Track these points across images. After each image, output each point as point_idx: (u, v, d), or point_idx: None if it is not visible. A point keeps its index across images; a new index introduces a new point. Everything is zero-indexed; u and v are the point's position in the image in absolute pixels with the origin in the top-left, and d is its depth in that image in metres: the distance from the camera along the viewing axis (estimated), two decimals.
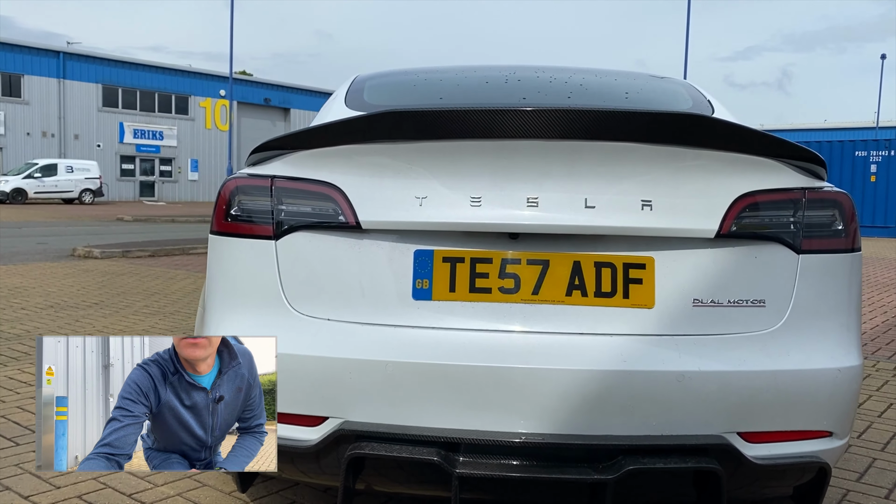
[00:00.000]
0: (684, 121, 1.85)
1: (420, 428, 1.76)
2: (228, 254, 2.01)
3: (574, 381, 1.73)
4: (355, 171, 1.88)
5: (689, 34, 28.43)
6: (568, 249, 1.82)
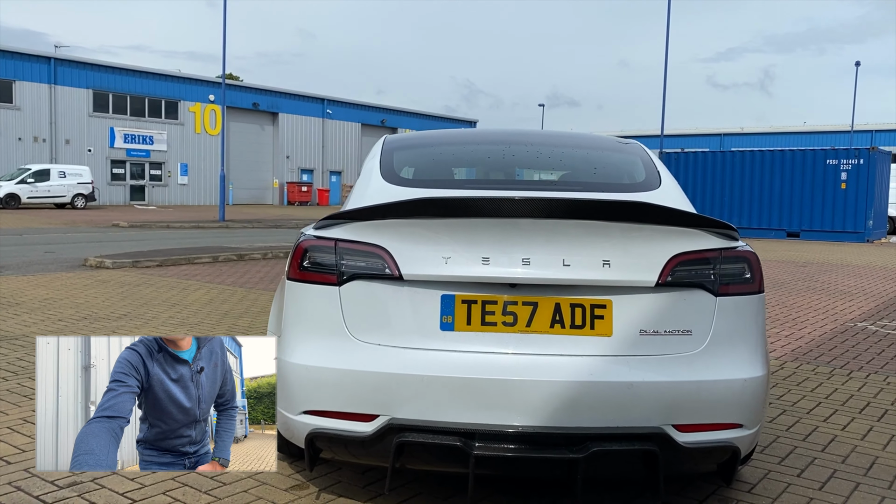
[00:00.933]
0: (631, 207, 2.59)
1: (446, 423, 2.48)
2: (303, 296, 2.72)
3: (555, 389, 2.45)
4: (398, 236, 2.60)
5: (670, 35, 29.26)
6: (551, 294, 2.54)
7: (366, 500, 2.97)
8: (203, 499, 2.96)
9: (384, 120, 53.82)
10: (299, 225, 25.32)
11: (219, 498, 2.97)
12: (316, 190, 47.59)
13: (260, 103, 45.40)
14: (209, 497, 2.97)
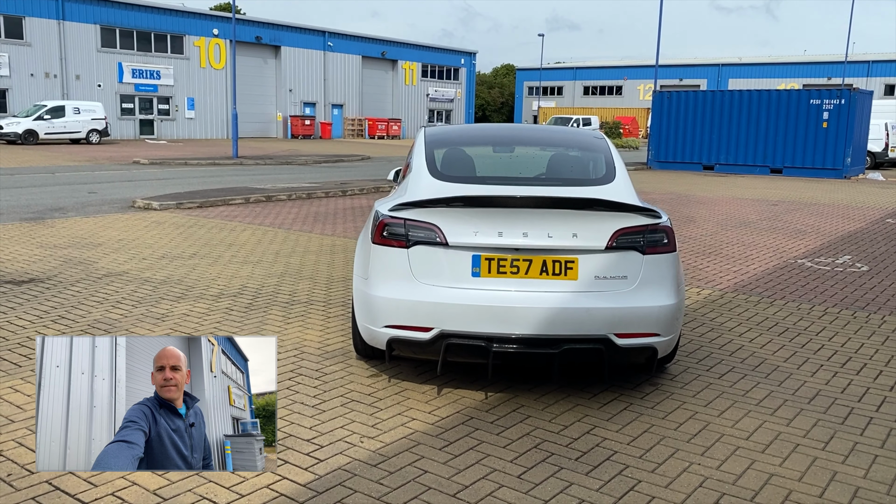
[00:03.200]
0: (592, 202, 4.12)
1: (475, 332, 4.07)
2: (383, 254, 4.27)
3: (542, 312, 4.04)
4: (445, 217, 4.13)
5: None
6: (540, 255, 4.10)
7: (421, 382, 4.59)
8: None
9: (385, 52, 54.38)
10: (308, 161, 26.71)
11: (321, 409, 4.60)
12: (318, 123, 48.63)
13: (263, 37, 46.05)
14: None
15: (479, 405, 4.28)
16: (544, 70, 74.64)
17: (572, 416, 4.15)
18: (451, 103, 60.74)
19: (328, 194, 15.77)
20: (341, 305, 6.44)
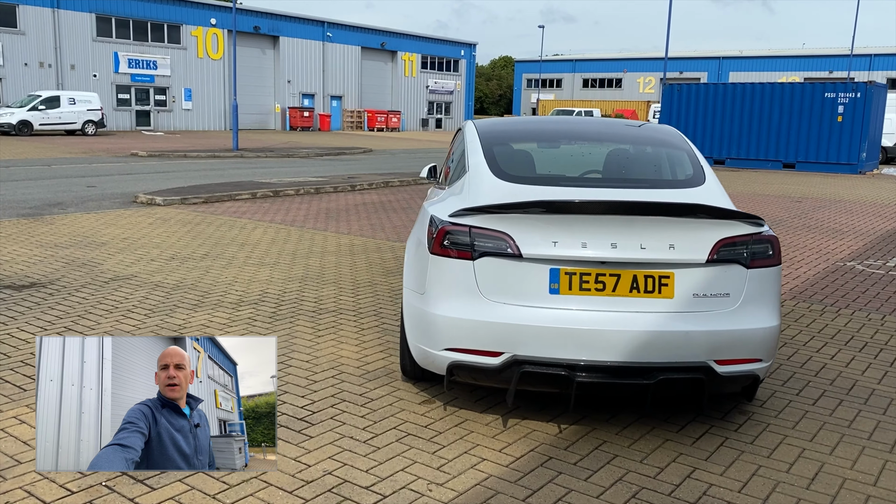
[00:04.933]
0: (692, 207, 3.56)
1: (555, 358, 3.51)
2: (444, 266, 3.71)
3: (633, 335, 3.48)
4: (518, 225, 3.57)
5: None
6: (630, 269, 3.54)
7: (481, 410, 4.04)
8: None
9: (384, 43, 53.63)
10: (310, 154, 26.05)
11: (373, 418, 4.03)
12: (317, 115, 47.92)
13: (261, 26, 45.26)
14: None
15: (554, 441, 3.73)
16: (543, 62, 73.96)
17: (665, 455, 3.60)
18: (451, 95, 60.00)
19: (337, 189, 15.18)
20: (373, 315, 5.88)
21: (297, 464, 3.43)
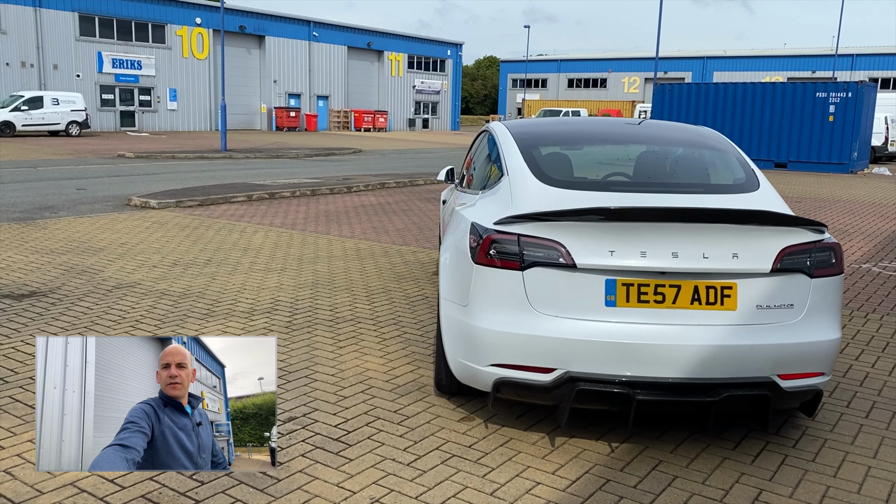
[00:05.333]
0: (754, 214, 3.37)
1: (613, 375, 3.31)
2: (490, 277, 3.50)
3: (695, 350, 3.29)
4: (571, 233, 3.36)
5: None
6: (690, 279, 3.34)
7: (525, 428, 3.83)
8: None
9: (370, 43, 53.33)
10: (299, 155, 25.74)
11: (412, 433, 3.82)
12: (304, 115, 47.54)
13: (247, 26, 44.81)
14: None
15: (608, 461, 3.52)
16: (528, 62, 73.90)
17: (727, 475, 3.40)
18: (438, 95, 59.77)
19: (333, 191, 14.91)
20: (393, 324, 5.65)
21: (341, 490, 3.20)
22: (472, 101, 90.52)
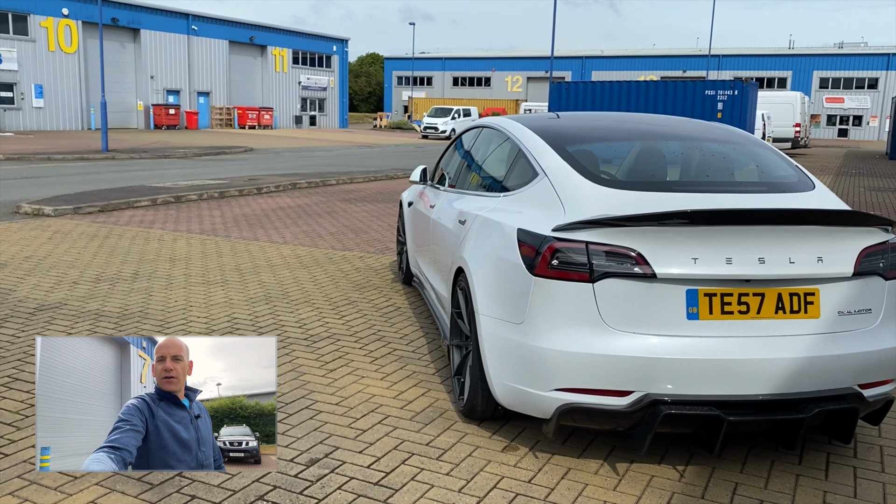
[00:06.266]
0: (843, 215, 3.14)
1: (699, 395, 3.00)
2: (554, 291, 3.10)
3: (784, 363, 3.02)
4: (648, 240, 3.02)
5: None
6: (774, 286, 3.07)
7: (577, 455, 3.46)
8: None
9: (253, 37, 51.50)
10: (188, 154, 24.34)
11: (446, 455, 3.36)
12: (184, 112, 45.27)
13: (120, 18, 42.05)
14: None
15: (683, 488, 3.20)
16: (413, 60, 73.73)
17: (811, 497, 3.15)
18: (325, 92, 58.49)
19: (242, 192, 14.03)
20: (377, 340, 5.14)
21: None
22: (357, 98, 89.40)
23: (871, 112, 65.83)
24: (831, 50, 70.27)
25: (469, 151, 5.02)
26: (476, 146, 4.95)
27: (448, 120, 45.28)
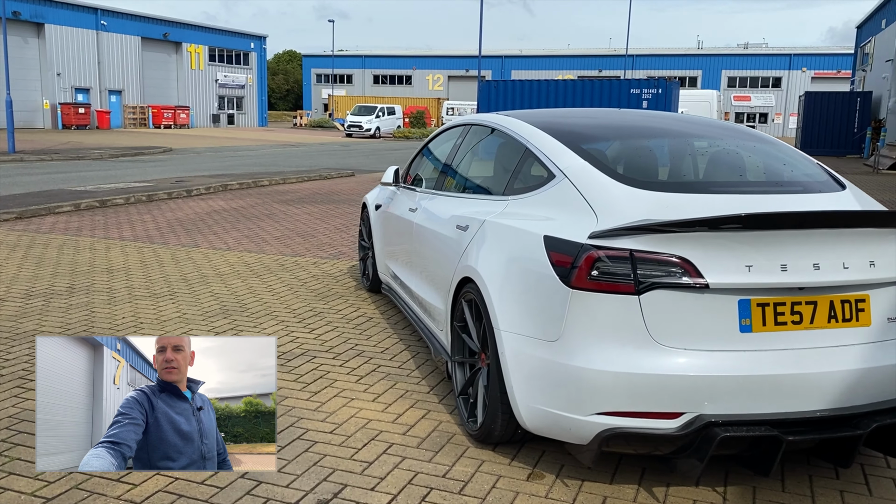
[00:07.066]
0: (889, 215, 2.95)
1: (757, 414, 2.76)
2: (595, 304, 2.81)
3: (841, 376, 2.82)
4: (699, 247, 2.76)
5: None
6: (825, 293, 2.87)
7: (607, 481, 3.18)
8: None
9: (167, 34, 49.59)
10: (103, 155, 23.11)
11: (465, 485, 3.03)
12: (94, 112, 43.15)
13: (22, 12, 39.64)
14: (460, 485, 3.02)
15: None
16: (333, 57, 72.68)
17: None
18: (243, 90, 56.86)
19: (171, 196, 13.27)
20: (357, 356, 4.75)
21: None
22: (275, 96, 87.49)
23: (776, 109, 68.78)
24: (738, 50, 73.09)
25: (456, 151, 4.67)
26: (465, 145, 4.61)
27: (372, 118, 44.77)
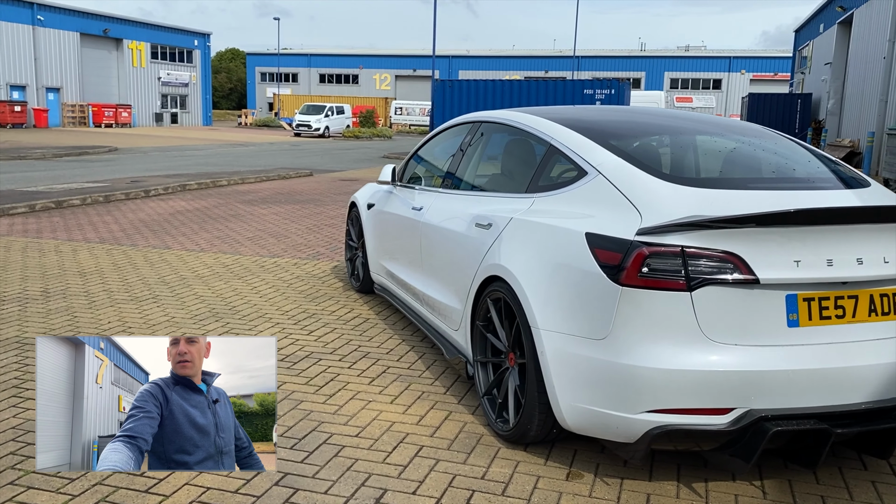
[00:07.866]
0: None
1: (806, 408, 2.79)
2: (647, 301, 2.80)
3: (882, 369, 2.87)
4: (749, 243, 2.77)
5: None
6: (866, 287, 2.91)
7: (645, 478, 3.17)
8: None
9: (107, 30, 48.20)
10: (46, 155, 22.33)
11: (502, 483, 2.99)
12: (31, 110, 41.65)
13: None
14: None
15: None
16: (278, 56, 71.70)
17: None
18: (187, 88, 55.63)
19: (129, 196, 12.87)
20: (364, 357, 4.66)
21: None
22: (218, 94, 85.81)
23: (717, 110, 70.55)
24: (680, 52, 74.76)
25: (466, 149, 4.61)
26: (476, 143, 4.56)
27: (321, 117, 44.28)
